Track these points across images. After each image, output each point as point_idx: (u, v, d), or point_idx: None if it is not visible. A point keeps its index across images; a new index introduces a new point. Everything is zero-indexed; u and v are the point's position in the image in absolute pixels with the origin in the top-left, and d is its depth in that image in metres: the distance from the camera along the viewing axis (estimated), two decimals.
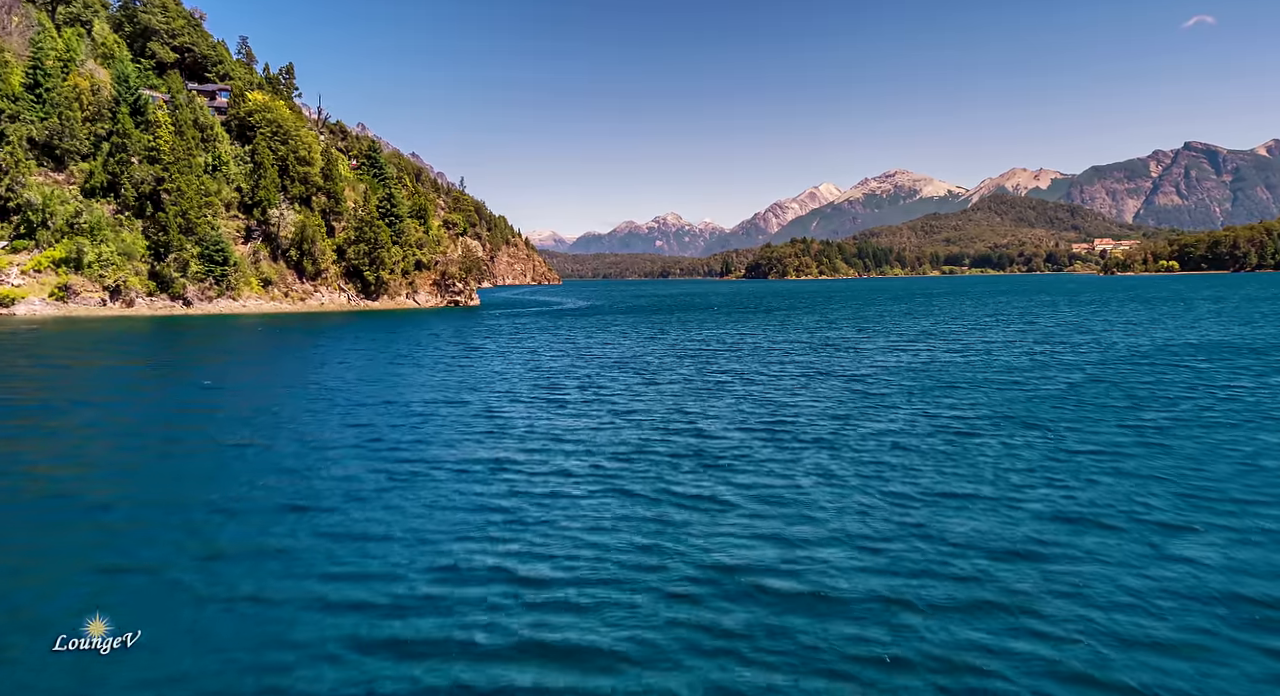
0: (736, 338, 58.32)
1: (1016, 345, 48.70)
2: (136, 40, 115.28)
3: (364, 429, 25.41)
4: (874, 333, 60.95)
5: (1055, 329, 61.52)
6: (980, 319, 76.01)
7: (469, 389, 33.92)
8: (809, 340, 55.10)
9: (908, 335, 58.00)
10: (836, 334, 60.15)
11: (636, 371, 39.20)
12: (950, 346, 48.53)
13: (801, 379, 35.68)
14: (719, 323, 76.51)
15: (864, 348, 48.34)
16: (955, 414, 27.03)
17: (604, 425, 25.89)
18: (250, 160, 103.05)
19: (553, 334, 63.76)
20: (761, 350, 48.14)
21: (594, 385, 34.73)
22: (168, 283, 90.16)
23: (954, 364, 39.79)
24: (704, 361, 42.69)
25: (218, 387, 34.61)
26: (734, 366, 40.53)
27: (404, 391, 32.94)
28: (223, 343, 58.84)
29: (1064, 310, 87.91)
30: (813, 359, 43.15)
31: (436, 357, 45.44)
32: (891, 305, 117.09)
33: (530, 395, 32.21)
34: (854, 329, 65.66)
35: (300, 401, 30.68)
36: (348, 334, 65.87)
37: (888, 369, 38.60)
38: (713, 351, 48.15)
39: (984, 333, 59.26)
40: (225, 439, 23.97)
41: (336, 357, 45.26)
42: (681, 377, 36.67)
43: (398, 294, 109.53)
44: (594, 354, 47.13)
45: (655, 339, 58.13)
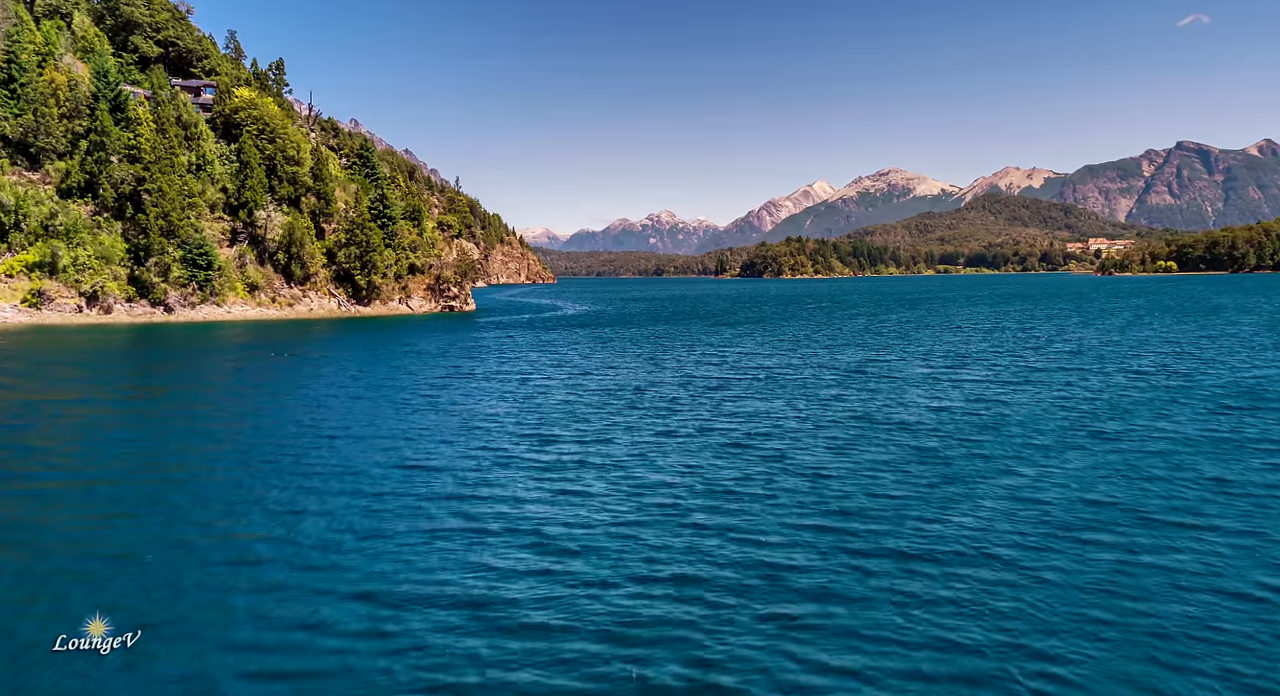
0: (750, 361, 51.26)
1: (1084, 383, 38.80)
2: (118, 33, 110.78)
3: (287, 521, 19.20)
4: (905, 354, 53.53)
5: (1108, 352, 52.54)
6: (1011, 335, 67.27)
7: (443, 440, 27.68)
8: (831, 363, 48.65)
9: (946, 356, 51.36)
10: (861, 356, 52.77)
11: (642, 411, 32.92)
12: (1009, 380, 40.27)
13: (843, 430, 28.58)
14: (725, 338, 68.56)
15: (905, 377, 41.47)
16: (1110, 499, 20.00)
17: (610, 511, 19.62)
18: (236, 159, 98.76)
19: (547, 352, 57.50)
20: (784, 382, 41.15)
21: (593, 436, 28.28)
22: (148, 288, 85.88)
23: (1040, 412, 31.37)
24: (721, 400, 35.51)
25: (126, 440, 28.12)
26: (758, 405, 34.15)
27: (362, 448, 26.53)
28: (187, 360, 54.81)
29: (1098, 323, 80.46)
30: (848, 397, 35.70)
31: (414, 387, 39.55)
32: (903, 312, 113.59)
33: (516, 450, 26.14)
34: (879, 348, 57.93)
35: (222, 459, 24.99)
36: (327, 347, 61.76)
37: (949, 414, 31.26)
38: (728, 383, 41.01)
39: (1028, 356, 51.42)
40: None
41: (298, 384, 40.03)
42: (698, 425, 29.98)
43: (390, 299, 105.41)
44: (590, 385, 40.63)
45: (658, 361, 51.36)
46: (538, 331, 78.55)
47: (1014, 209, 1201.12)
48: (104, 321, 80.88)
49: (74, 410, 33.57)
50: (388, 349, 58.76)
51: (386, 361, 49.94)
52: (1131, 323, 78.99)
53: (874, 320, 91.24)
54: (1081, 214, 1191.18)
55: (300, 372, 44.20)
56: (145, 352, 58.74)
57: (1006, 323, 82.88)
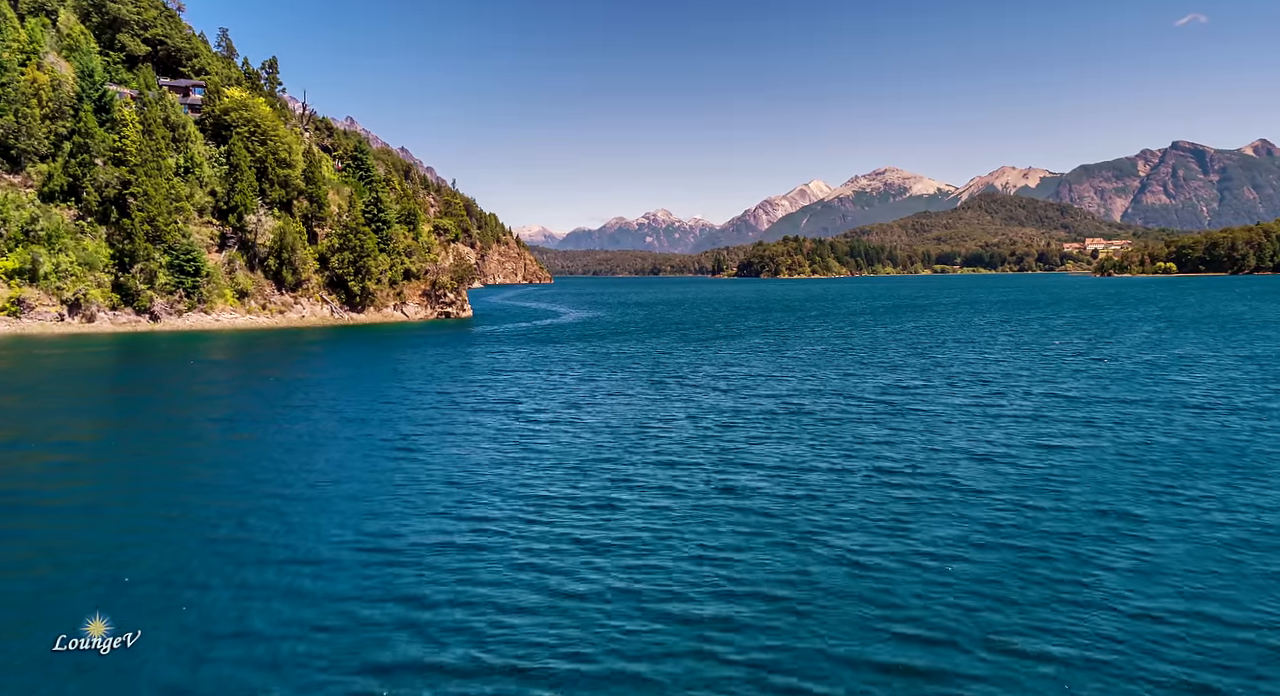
0: (761, 388, 46.60)
1: (1143, 424, 34.02)
2: (105, 31, 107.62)
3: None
4: (930, 378, 47.88)
5: (1153, 378, 47.16)
6: (1037, 354, 60.11)
7: (410, 505, 23.19)
8: (850, 391, 43.20)
9: (975, 381, 46.23)
10: (881, 382, 47.01)
11: (644, 460, 28.49)
12: (1056, 418, 35.35)
13: (880, 494, 24.16)
14: (730, 355, 61.91)
15: (937, 413, 36.57)
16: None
17: (612, 633, 15.71)
18: (226, 162, 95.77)
19: (541, 374, 52.61)
20: (801, 417, 35.96)
21: (590, 498, 24.08)
22: (133, 295, 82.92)
23: (1108, 469, 26.79)
24: (734, 445, 30.57)
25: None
26: (775, 453, 29.33)
27: (314, 515, 22.53)
28: (159, 382, 52.01)
29: (1124, 337, 75.61)
30: (877, 442, 30.66)
31: (393, 423, 35.28)
32: (911, 320, 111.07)
33: (497, 520, 22.04)
34: (899, 370, 51.97)
35: (144, 523, 21.88)
36: (312, 364, 58.65)
37: (1000, 469, 26.79)
38: (739, 418, 35.84)
39: (1064, 382, 45.88)
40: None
41: (268, 420, 35.85)
42: (709, 482, 25.49)
43: (385, 305, 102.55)
44: (587, 420, 36.17)
45: (660, 386, 46.58)
46: (533, 345, 73.65)
47: (1010, 209, 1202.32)
48: (86, 330, 77.93)
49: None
50: (373, 369, 54.71)
51: (370, 386, 46.25)
52: (1157, 336, 74.72)
53: (884, 332, 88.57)
54: (1078, 214, 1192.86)
55: (273, 403, 40.40)
56: (116, 370, 55.72)
57: (1025, 335, 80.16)
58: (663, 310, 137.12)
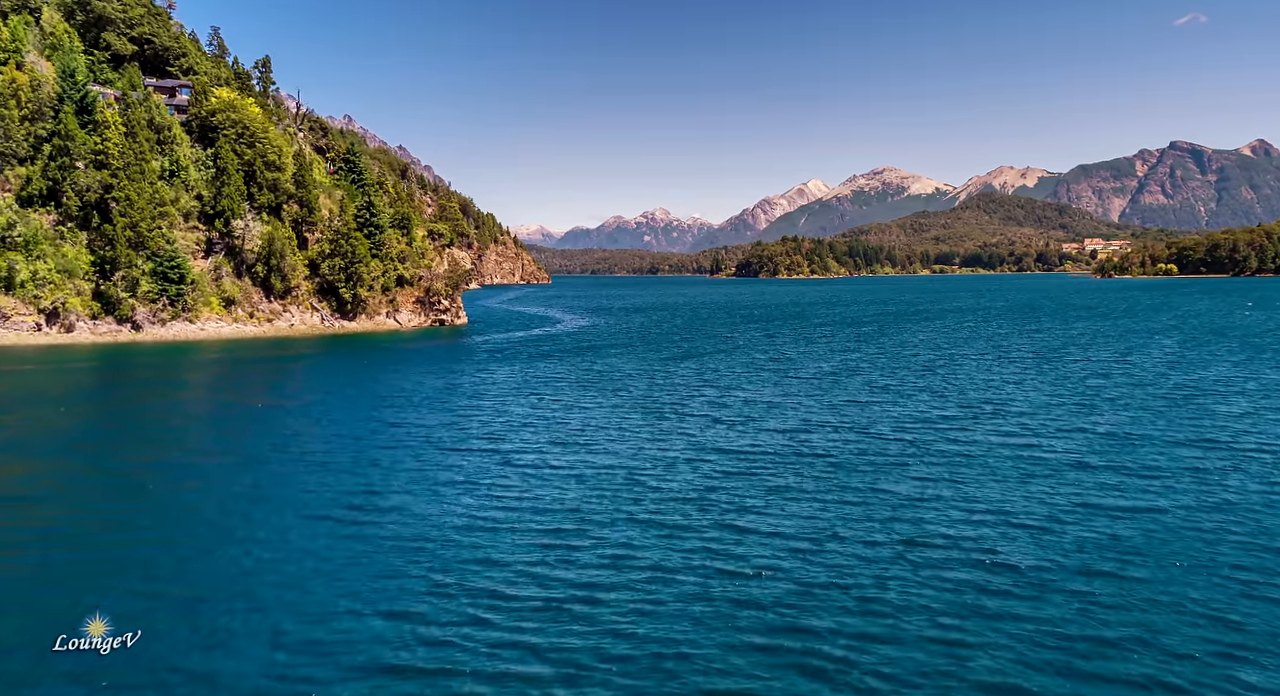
0: (769, 422, 42.16)
1: (1231, 471, 30.13)
2: (90, 30, 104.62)
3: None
4: (963, 411, 42.99)
5: (1214, 409, 42.48)
6: (1071, 379, 55.01)
7: (350, 597, 19.03)
8: (870, 430, 38.14)
9: (1013, 413, 41.43)
10: (906, 413, 42.35)
11: (637, 529, 24.21)
12: (1125, 465, 31.14)
13: (928, 590, 19.65)
14: (734, 378, 56.77)
15: (985, 463, 31.90)
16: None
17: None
18: (213, 165, 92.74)
19: (528, 401, 46.79)
20: (819, 472, 30.82)
21: (566, 591, 19.72)
22: (114, 304, 79.90)
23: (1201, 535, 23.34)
24: (741, 513, 26.07)
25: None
26: (790, 527, 24.55)
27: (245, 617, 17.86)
28: (125, 411, 49.11)
29: (1152, 349, 71.77)
30: (916, 513, 25.72)
31: (353, 468, 31.45)
32: (920, 329, 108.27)
33: (457, 614, 18.48)
34: (922, 397, 46.79)
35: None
36: (281, 384, 55.36)
37: (1079, 544, 22.63)
38: (747, 472, 31.05)
39: (1105, 410, 41.94)
40: None
41: (199, 464, 32.48)
42: (708, 565, 21.41)
43: (377, 312, 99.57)
44: (575, 465, 32.20)
45: (656, 417, 41.96)
46: (524, 361, 68.77)
47: (1009, 208, 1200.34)
48: (65, 341, 74.91)
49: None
50: (352, 393, 50.59)
51: (345, 416, 42.07)
52: (1183, 353, 70.01)
53: (892, 345, 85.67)
54: (1076, 214, 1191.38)
55: (227, 437, 37.03)
56: (83, 392, 52.50)
57: (1040, 353, 77.24)
58: (661, 318, 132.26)
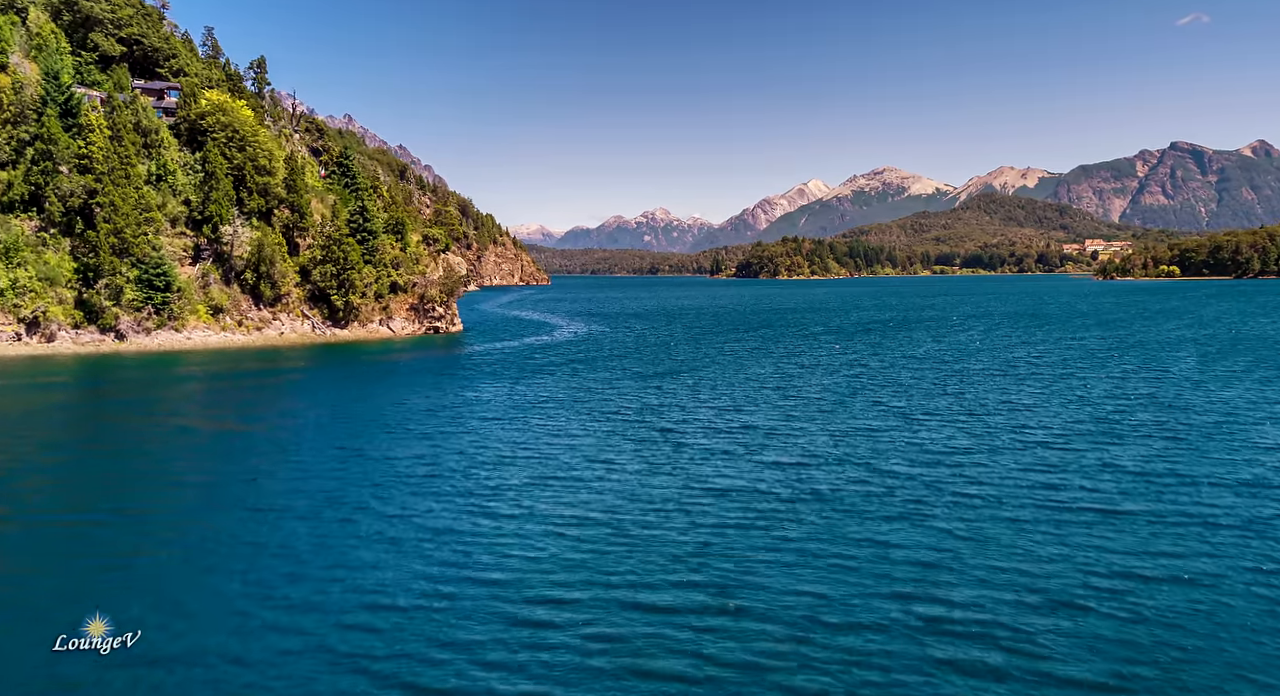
0: (770, 450, 39.17)
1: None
2: (77, 30, 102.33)
3: None
4: (974, 435, 39.95)
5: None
6: (1085, 398, 51.65)
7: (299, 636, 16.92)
8: (877, 458, 35.46)
9: (1039, 449, 37.07)
10: (914, 440, 38.85)
11: (624, 593, 21.41)
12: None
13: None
14: (730, 396, 53.14)
15: (999, 501, 29.49)
16: None
17: None
18: (201, 169, 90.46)
19: (514, 425, 44.32)
20: (831, 507, 28.47)
21: (536, 675, 17.30)
22: (97, 313, 77.63)
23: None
24: (735, 551, 23.89)
25: None
26: (800, 574, 22.25)
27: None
28: (72, 448, 46.87)
29: (1170, 362, 68.83)
30: (927, 555, 23.76)
31: (308, 515, 28.11)
32: (926, 337, 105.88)
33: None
34: (933, 426, 42.75)
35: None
36: (253, 404, 52.68)
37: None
38: (744, 504, 28.63)
39: (1151, 449, 37.24)
40: None
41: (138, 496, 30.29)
42: (703, 640, 18.72)
43: (370, 320, 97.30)
44: (557, 506, 29.12)
45: (652, 450, 38.18)
46: (514, 377, 64.37)
47: (1009, 209, 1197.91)
48: (45, 352, 72.63)
49: None
50: (329, 414, 47.68)
51: (315, 445, 38.86)
52: (1206, 368, 66.01)
53: (898, 357, 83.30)
54: (1076, 214, 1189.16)
55: (178, 467, 34.49)
56: (42, 414, 49.17)
57: (1053, 367, 74.62)
58: (658, 326, 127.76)
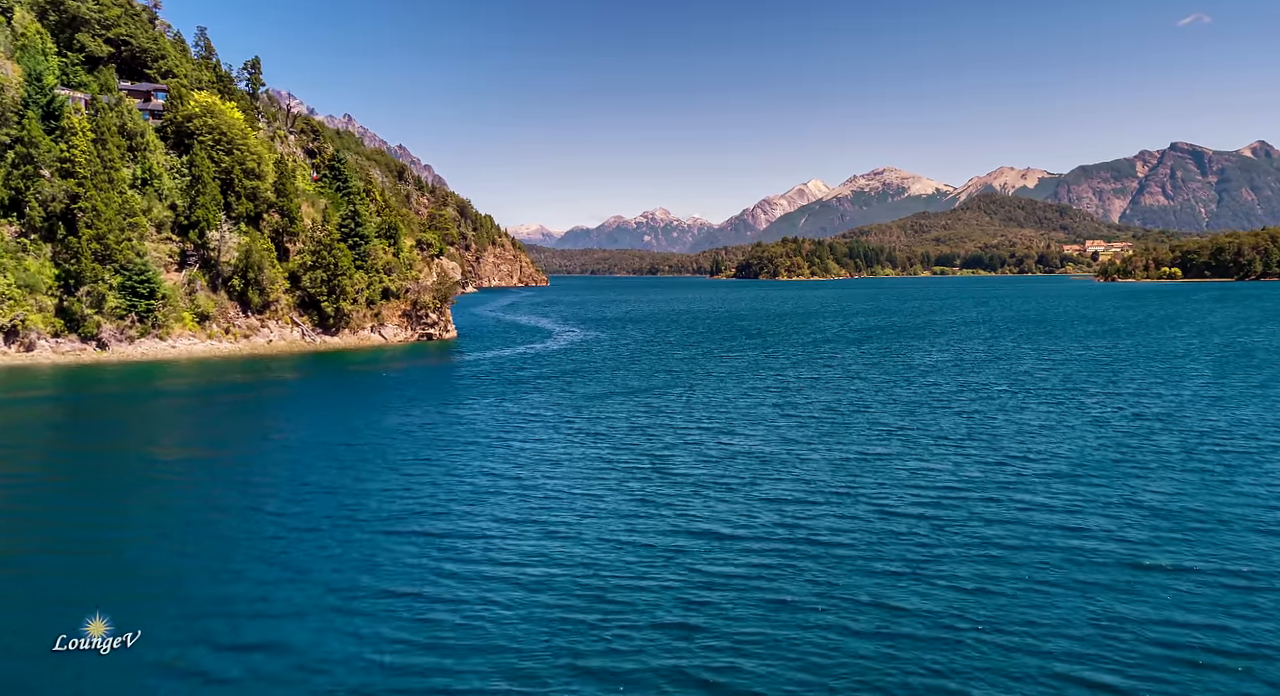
0: (768, 482, 36.28)
1: None
2: (64, 30, 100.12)
3: None
4: (990, 464, 37.17)
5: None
6: (1103, 420, 48.48)
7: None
8: (888, 497, 32.15)
9: (1066, 488, 33.51)
10: (927, 474, 35.67)
11: (602, 666, 19.25)
12: None
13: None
14: (726, 416, 49.63)
15: (1026, 545, 27.01)
16: None
17: None
18: (188, 173, 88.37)
19: (494, 451, 41.27)
20: (839, 561, 25.84)
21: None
22: (78, 321, 75.56)
23: None
24: (728, 614, 21.97)
25: None
26: (803, 652, 19.75)
27: None
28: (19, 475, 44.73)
29: (1187, 377, 65.13)
30: (947, 617, 21.73)
31: (253, 560, 25.21)
32: (931, 346, 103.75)
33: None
34: (946, 453, 39.35)
35: None
36: (219, 424, 50.64)
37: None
38: (740, 557, 26.11)
39: (1186, 487, 34.18)
40: None
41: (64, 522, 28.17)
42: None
43: (361, 327, 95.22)
44: (542, 560, 25.99)
45: (642, 485, 34.87)
46: (500, 393, 60.42)
47: (1009, 209, 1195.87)
48: (23, 362, 70.57)
49: None
50: (295, 435, 45.27)
51: (276, 476, 36.13)
52: (1228, 384, 61.89)
53: (902, 368, 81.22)
54: (1077, 215, 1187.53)
55: (125, 520, 30.66)
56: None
57: (1065, 381, 72.46)
58: (655, 332, 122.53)
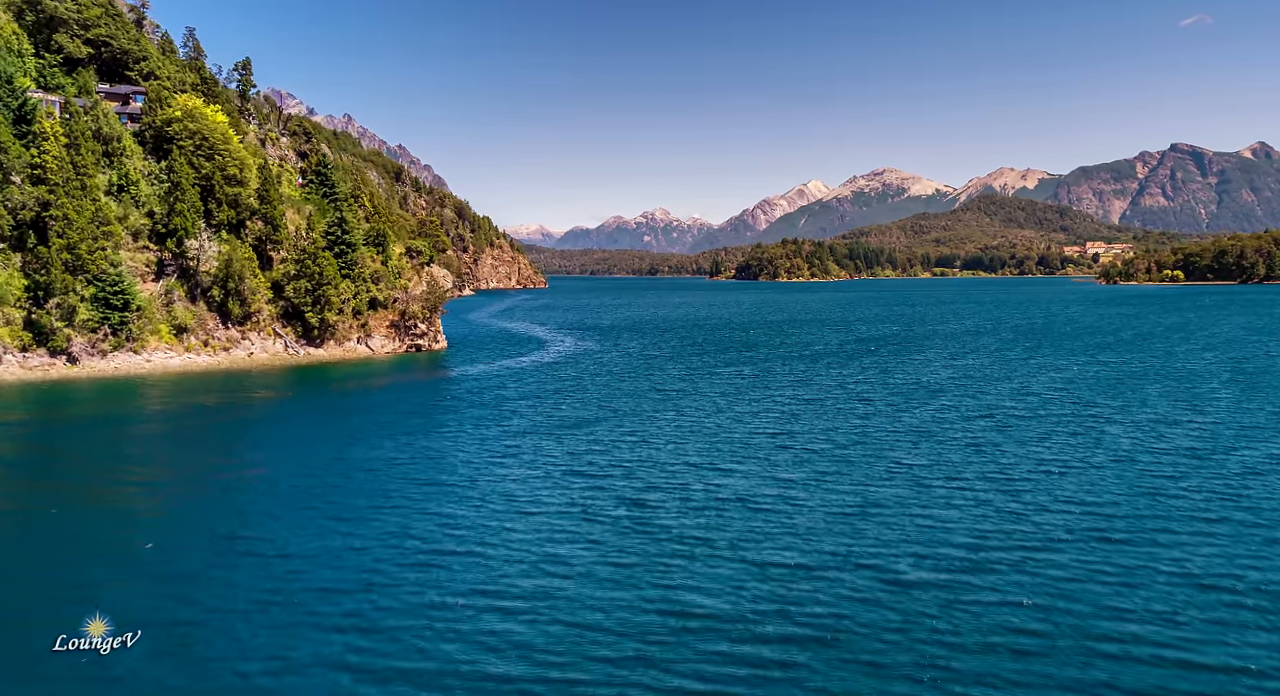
0: (762, 518, 33.40)
1: None
2: (41, 31, 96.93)
3: None
4: (1012, 511, 33.75)
5: None
6: (1133, 461, 43.73)
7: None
8: (892, 557, 28.65)
9: (1111, 538, 30.63)
10: (940, 515, 33.35)
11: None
12: None
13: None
14: (717, 453, 44.58)
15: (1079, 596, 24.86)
16: None
17: None
18: (167, 179, 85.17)
19: (465, 498, 36.46)
20: (849, 652, 22.29)
21: None
22: (47, 334, 72.37)
23: None
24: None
25: None
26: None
27: None
28: None
29: (1213, 397, 61.71)
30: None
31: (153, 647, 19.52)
32: (935, 358, 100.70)
33: None
34: (964, 496, 35.89)
35: None
36: (167, 454, 47.69)
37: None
38: (735, 615, 23.53)
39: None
40: None
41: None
42: None
43: (347, 338, 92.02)
44: (500, 644, 22.45)
45: (624, 540, 30.75)
46: (481, 420, 55.13)
47: (1009, 210, 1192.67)
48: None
49: None
50: (250, 463, 42.87)
51: (214, 525, 32.87)
52: (1247, 406, 58.40)
53: (908, 389, 78.03)
54: (1077, 216, 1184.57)
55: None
56: None
57: (1087, 400, 69.45)
58: (649, 344, 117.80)
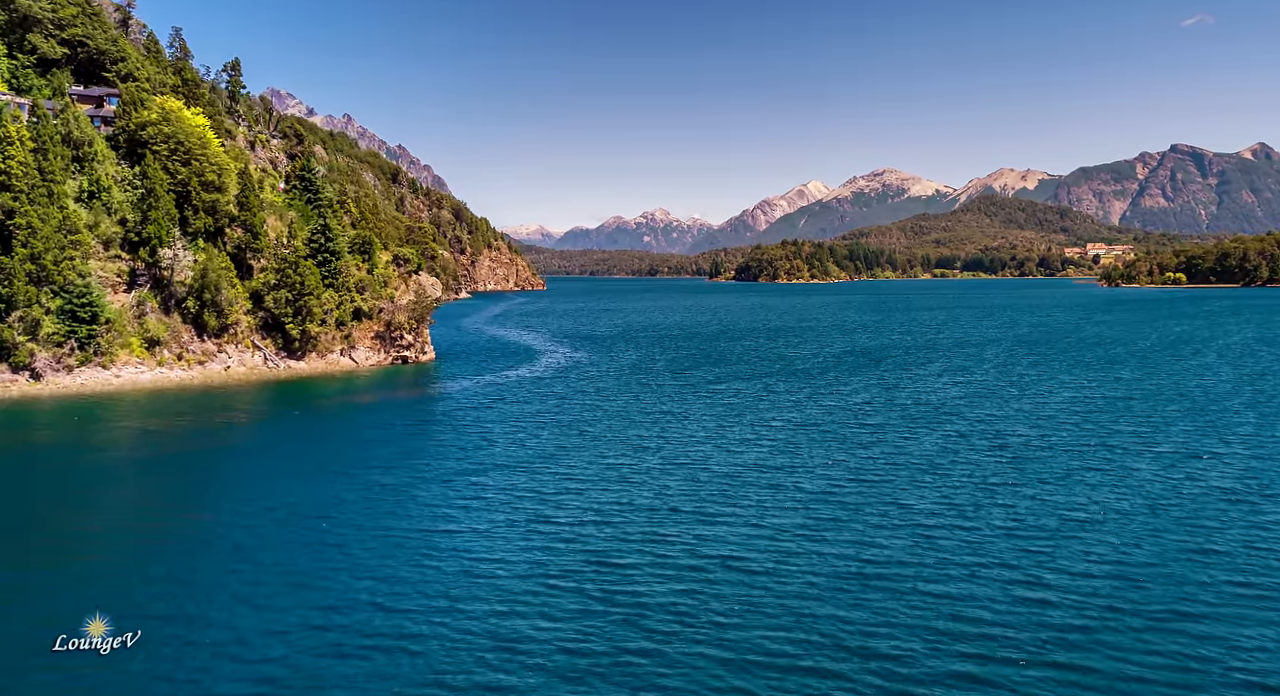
0: (758, 545, 31.60)
1: None
2: (14, 30, 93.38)
3: None
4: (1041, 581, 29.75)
5: None
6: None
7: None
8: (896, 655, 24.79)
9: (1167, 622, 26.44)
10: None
11: None
12: None
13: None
14: (713, 486, 41.21)
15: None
16: None
17: None
18: (140, 185, 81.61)
19: (432, 546, 32.82)
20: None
21: None
22: (9, 349, 68.81)
23: None
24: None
25: None
26: None
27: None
28: None
29: (1238, 421, 58.02)
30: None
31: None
32: (940, 371, 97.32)
33: None
34: (993, 568, 32.64)
35: None
36: (109, 495, 44.05)
37: None
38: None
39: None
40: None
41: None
42: None
43: (330, 350, 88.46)
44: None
45: (592, 603, 27.40)
46: (462, 446, 52.59)
47: (1009, 211, 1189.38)
48: None
49: None
50: (197, 502, 40.07)
51: (144, 587, 30.26)
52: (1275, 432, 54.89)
53: (915, 412, 74.44)
54: (1077, 217, 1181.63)
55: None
56: None
57: (1105, 427, 65.75)
58: (643, 357, 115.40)
